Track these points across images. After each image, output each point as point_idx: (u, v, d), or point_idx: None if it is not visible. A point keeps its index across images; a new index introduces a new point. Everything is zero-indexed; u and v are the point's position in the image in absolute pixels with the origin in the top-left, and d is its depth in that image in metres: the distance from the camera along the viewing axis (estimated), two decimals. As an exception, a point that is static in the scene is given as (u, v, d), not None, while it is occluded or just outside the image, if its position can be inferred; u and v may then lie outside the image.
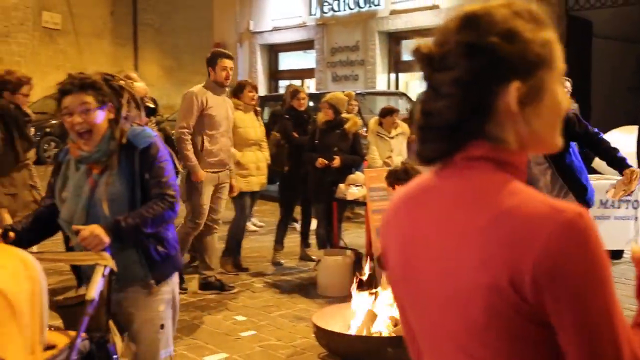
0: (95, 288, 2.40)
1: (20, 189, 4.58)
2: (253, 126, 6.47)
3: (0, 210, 4.29)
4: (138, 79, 5.14)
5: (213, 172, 5.69)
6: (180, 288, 3.24)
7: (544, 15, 1.12)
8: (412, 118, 7.68)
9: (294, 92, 7.15)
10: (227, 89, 5.91)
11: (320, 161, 6.36)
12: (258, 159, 6.46)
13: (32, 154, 4.75)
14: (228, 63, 5.70)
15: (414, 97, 11.75)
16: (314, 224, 7.20)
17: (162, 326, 2.82)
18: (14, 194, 4.64)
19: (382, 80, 13.88)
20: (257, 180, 6.45)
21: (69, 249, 2.80)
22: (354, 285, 4.80)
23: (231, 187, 6.00)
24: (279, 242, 7.02)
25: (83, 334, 2.34)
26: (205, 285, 5.90)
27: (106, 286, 2.46)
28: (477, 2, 1.12)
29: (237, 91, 6.47)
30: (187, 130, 5.53)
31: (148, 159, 2.69)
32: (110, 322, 2.58)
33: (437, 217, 1.12)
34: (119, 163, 2.66)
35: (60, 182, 2.74)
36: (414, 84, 14.26)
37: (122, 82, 2.77)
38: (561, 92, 1.11)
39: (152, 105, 5.09)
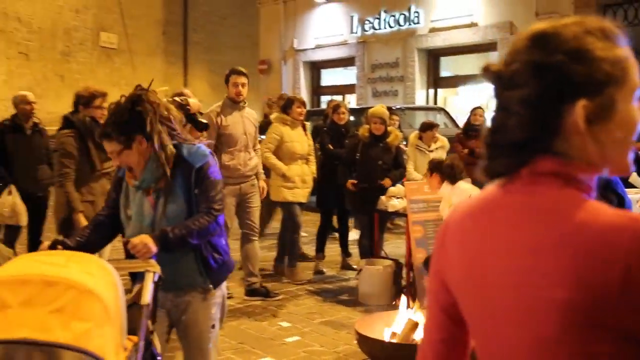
0: (148, 294, 2.48)
1: (98, 197, 4.75)
2: (300, 141, 6.56)
3: (78, 215, 4.48)
4: (191, 95, 5.27)
5: (234, 185, 5.76)
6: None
7: (618, 31, 1.08)
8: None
9: (335, 107, 7.27)
10: (242, 104, 5.91)
11: (349, 183, 6.48)
12: (304, 172, 6.55)
13: (110, 164, 4.89)
14: (239, 79, 5.76)
15: (452, 112, 11.74)
16: (352, 234, 7.26)
17: (212, 326, 2.96)
18: (91, 201, 4.81)
19: (421, 96, 13.86)
20: (302, 192, 6.54)
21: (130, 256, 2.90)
22: (396, 295, 4.82)
23: (262, 190, 6.10)
24: (319, 251, 7.11)
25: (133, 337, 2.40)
26: (251, 292, 6.00)
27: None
28: (520, 21, 1.11)
29: (286, 107, 6.59)
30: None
31: (200, 176, 2.78)
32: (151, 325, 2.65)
33: (505, 231, 1.10)
34: (173, 180, 2.75)
35: (124, 199, 2.86)
36: (452, 100, 14.23)
37: (150, 102, 2.68)
38: (633, 109, 1.07)
39: (205, 121, 5.21)
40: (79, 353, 1.82)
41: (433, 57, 14.04)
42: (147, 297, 2.46)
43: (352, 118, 10.20)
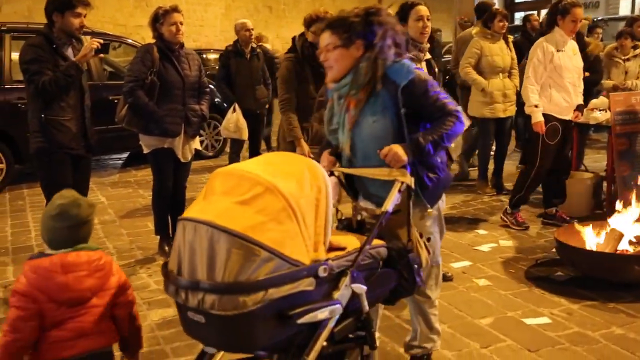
0: (391, 202, 2.40)
1: (313, 123, 4.57)
2: (501, 54, 6.19)
3: (300, 142, 4.14)
4: None
5: None
6: None
7: None
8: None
9: (527, 17, 6.73)
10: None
11: None
12: (505, 87, 6.19)
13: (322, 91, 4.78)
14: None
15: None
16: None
17: (428, 239, 2.71)
18: (306, 128, 4.68)
19: (624, 5, 12.36)
20: (502, 107, 6.20)
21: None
22: (595, 207, 4.48)
23: None
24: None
25: (380, 242, 2.37)
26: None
27: (405, 202, 2.46)
28: None
29: (488, 20, 6.23)
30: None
31: (413, 95, 2.51)
32: (416, 235, 2.53)
33: None
34: (376, 97, 2.53)
35: (328, 114, 2.75)
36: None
37: (385, 18, 2.54)
38: None
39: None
40: (243, 240, 1.92)
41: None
42: (388, 204, 2.39)
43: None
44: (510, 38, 6.41)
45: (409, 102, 2.51)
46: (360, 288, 2.21)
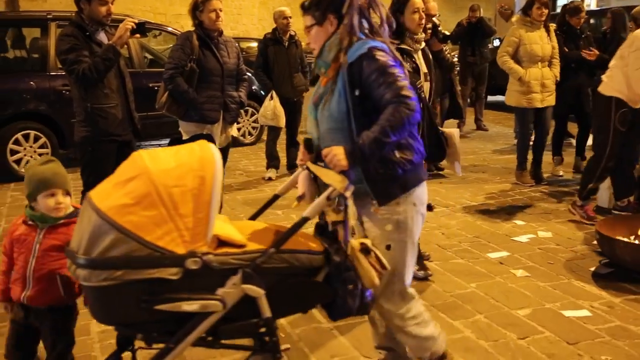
0: (313, 208, 2.22)
1: None
2: (541, 43, 6.03)
3: None
4: None
5: None
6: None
7: None
8: None
9: (576, 10, 6.50)
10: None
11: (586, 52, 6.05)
12: (544, 76, 6.03)
13: None
14: None
15: None
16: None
17: (387, 247, 2.39)
18: None
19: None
20: (540, 97, 6.06)
21: None
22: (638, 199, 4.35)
23: None
24: (556, 155, 6.70)
25: (315, 248, 2.24)
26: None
27: (343, 213, 2.23)
28: None
29: (527, 8, 6.08)
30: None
31: (360, 72, 2.25)
32: (356, 248, 2.25)
33: None
34: (337, 77, 2.33)
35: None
36: None
37: None
38: None
39: (447, 33, 4.96)
40: (103, 220, 1.98)
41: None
42: (309, 210, 2.21)
43: (591, 21, 9.21)
44: (552, 26, 6.24)
45: (358, 83, 2.27)
46: (255, 291, 2.10)
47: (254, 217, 2.65)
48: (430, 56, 3.89)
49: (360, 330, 3.26)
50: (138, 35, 3.96)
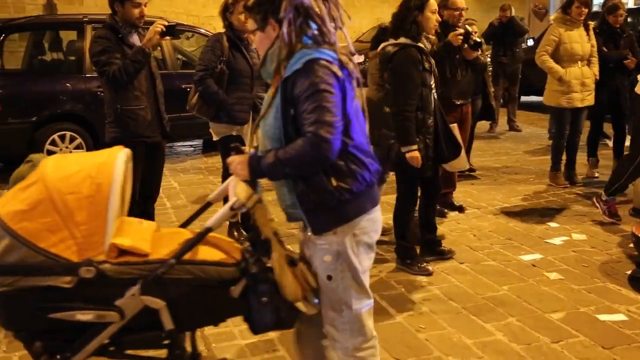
0: (216, 218, 2.17)
1: None
2: (581, 42, 5.90)
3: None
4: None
5: None
6: None
7: None
8: None
9: (614, 8, 6.35)
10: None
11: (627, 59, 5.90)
12: (583, 75, 5.90)
13: None
14: None
15: None
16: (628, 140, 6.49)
17: (329, 277, 2.12)
18: None
19: None
20: (579, 96, 5.92)
21: None
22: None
23: None
24: (592, 156, 6.57)
25: (228, 259, 2.19)
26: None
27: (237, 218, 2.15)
28: None
29: (566, 6, 5.96)
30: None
31: (292, 89, 1.98)
32: (282, 260, 2.10)
33: None
34: (276, 91, 2.06)
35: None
36: None
37: None
38: None
39: (479, 40, 4.86)
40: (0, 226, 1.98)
41: None
42: (213, 220, 2.15)
43: (629, 19, 8.98)
44: (592, 25, 6.11)
45: (290, 100, 1.99)
46: (155, 302, 2.06)
47: (185, 225, 2.55)
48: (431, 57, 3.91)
49: (390, 330, 3.23)
50: (168, 37, 3.99)
